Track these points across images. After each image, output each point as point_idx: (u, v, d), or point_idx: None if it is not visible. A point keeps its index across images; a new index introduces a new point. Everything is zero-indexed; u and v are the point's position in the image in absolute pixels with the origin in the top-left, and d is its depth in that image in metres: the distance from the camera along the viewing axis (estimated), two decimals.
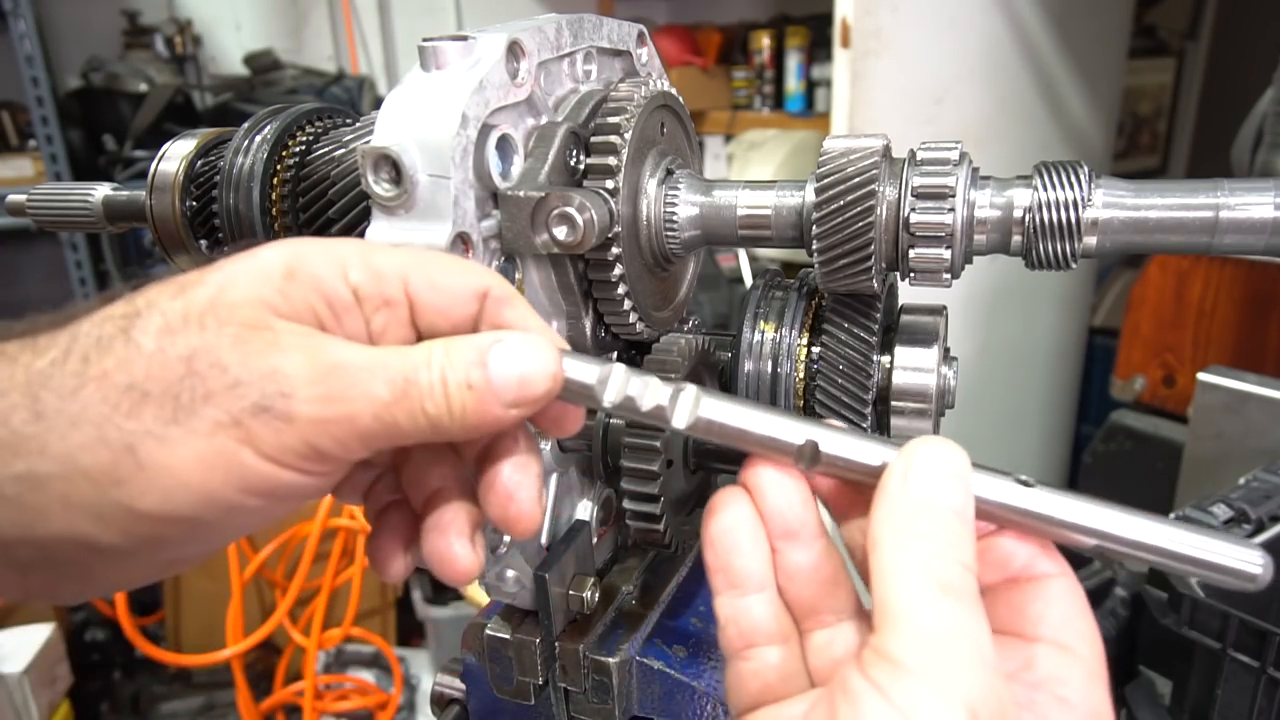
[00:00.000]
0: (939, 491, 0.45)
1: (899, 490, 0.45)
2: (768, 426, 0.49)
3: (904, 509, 0.44)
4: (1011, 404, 3.12)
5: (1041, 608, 0.46)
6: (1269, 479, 1.33)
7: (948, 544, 0.43)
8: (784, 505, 0.50)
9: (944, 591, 0.41)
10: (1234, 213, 0.55)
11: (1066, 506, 0.45)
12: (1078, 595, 0.46)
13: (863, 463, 0.48)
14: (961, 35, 2.54)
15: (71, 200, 0.86)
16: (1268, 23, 3.66)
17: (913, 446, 0.46)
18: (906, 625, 0.41)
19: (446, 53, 0.57)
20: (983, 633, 0.41)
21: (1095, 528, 0.45)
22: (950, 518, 0.44)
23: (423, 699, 3.02)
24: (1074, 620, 0.46)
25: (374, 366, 0.47)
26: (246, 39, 4.48)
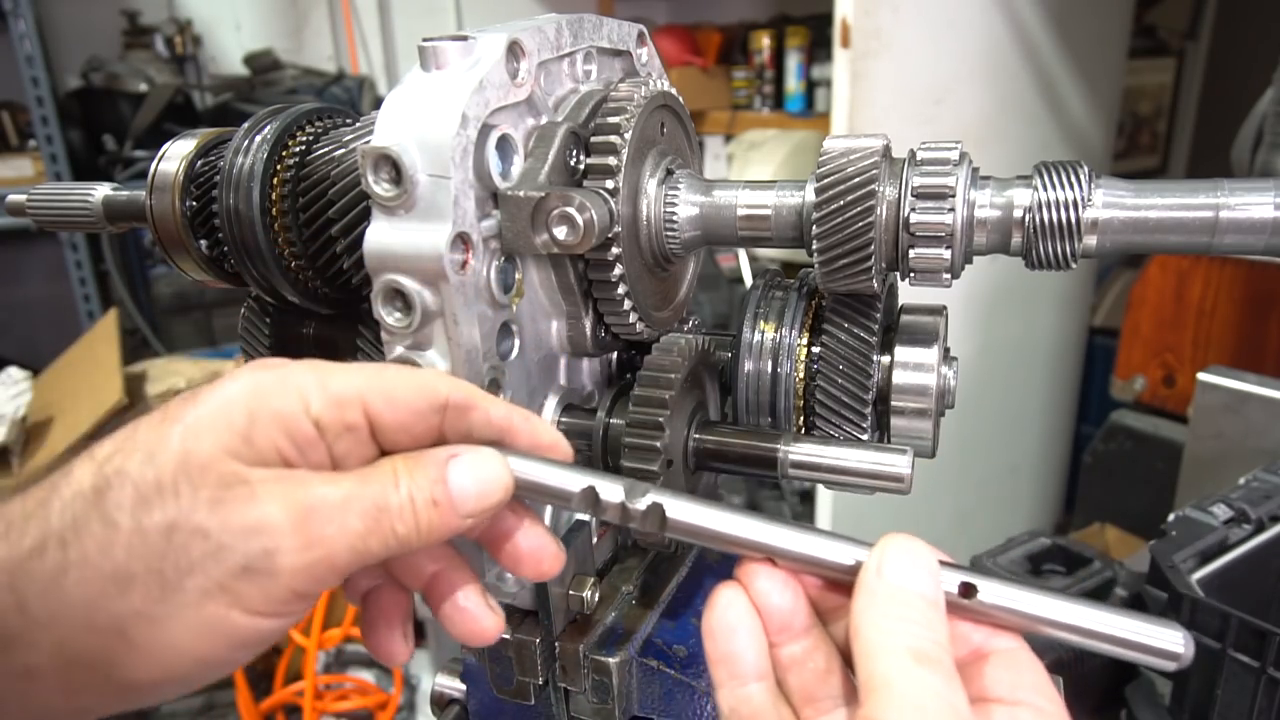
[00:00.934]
0: (910, 580, 0.50)
1: (874, 581, 0.50)
2: (736, 528, 0.54)
3: (880, 596, 0.49)
4: (1011, 404, 3.12)
5: (1014, 676, 0.50)
6: (1269, 479, 1.33)
7: (920, 624, 0.48)
8: (776, 600, 0.53)
9: (920, 662, 0.46)
10: (1234, 213, 0.55)
11: (1008, 601, 0.51)
12: (1037, 665, 0.51)
13: (838, 562, 0.52)
14: (961, 35, 2.53)
15: (71, 200, 0.86)
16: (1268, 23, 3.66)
17: (884, 543, 0.51)
18: (888, 692, 0.45)
19: (446, 53, 0.57)
20: (958, 696, 0.46)
21: (1030, 614, 0.50)
22: (920, 602, 0.49)
23: (423, 699, 3.02)
24: (1040, 686, 0.50)
25: (348, 500, 0.49)
26: (246, 39, 4.48)
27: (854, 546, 0.52)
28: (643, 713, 0.70)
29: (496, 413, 0.55)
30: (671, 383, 0.65)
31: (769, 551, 0.54)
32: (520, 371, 0.65)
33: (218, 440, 0.47)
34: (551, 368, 0.70)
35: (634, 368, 0.77)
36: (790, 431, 0.70)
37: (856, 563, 0.52)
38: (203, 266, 0.79)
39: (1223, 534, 1.22)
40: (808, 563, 0.53)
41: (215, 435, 0.47)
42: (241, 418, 0.48)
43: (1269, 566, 1.24)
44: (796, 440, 0.66)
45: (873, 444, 0.65)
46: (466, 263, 0.57)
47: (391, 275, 0.57)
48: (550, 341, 0.70)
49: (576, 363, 0.74)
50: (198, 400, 0.49)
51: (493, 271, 0.60)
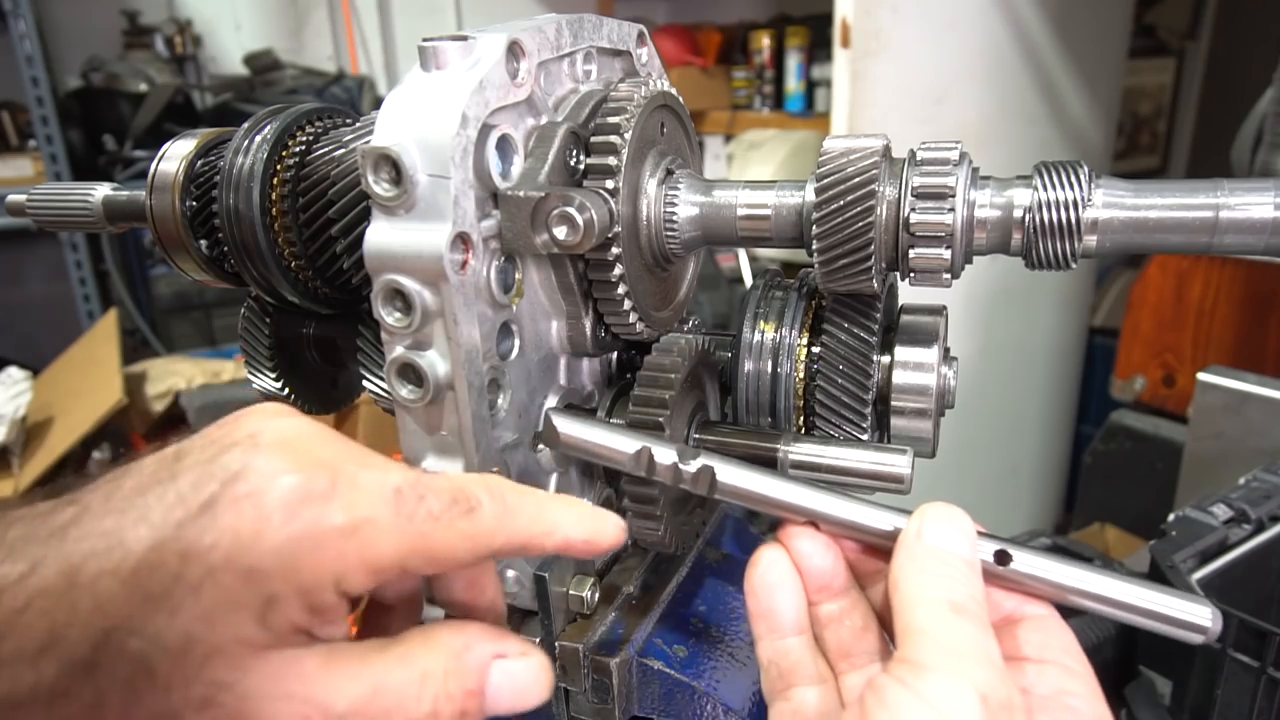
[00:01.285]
0: (949, 542, 0.52)
1: (914, 542, 0.52)
2: (782, 493, 0.57)
3: (919, 554, 0.52)
4: (1011, 404, 3.12)
5: (1043, 638, 0.52)
6: (1269, 479, 1.33)
7: (957, 579, 0.50)
8: (818, 561, 0.56)
9: (956, 611, 0.48)
10: (1234, 213, 0.55)
11: (1041, 571, 0.53)
12: (1068, 630, 0.53)
13: (878, 528, 0.55)
14: (961, 35, 2.54)
15: (71, 200, 0.86)
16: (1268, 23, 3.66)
17: (924, 509, 0.54)
18: (925, 636, 0.47)
19: (446, 53, 0.57)
20: (991, 643, 0.47)
21: (1061, 584, 0.52)
22: (958, 562, 0.51)
23: None
24: (1069, 648, 0.52)
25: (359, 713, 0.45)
26: (246, 39, 4.48)
27: (894, 514, 0.55)
28: (643, 713, 0.70)
29: (549, 543, 0.52)
30: (671, 383, 0.65)
31: (812, 515, 0.56)
32: (520, 371, 0.65)
33: (230, 629, 0.42)
34: (551, 368, 0.70)
35: (634, 368, 0.77)
36: (790, 431, 0.70)
37: (896, 528, 0.54)
38: (203, 266, 0.79)
39: (1223, 534, 1.22)
40: (849, 527, 0.56)
41: (228, 623, 0.42)
42: (260, 598, 0.43)
43: (1269, 566, 1.24)
44: (796, 440, 0.66)
45: (873, 444, 0.65)
46: (466, 263, 0.57)
47: (391, 275, 0.57)
48: (550, 341, 0.70)
49: (576, 363, 0.74)
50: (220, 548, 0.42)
51: (493, 271, 0.60)
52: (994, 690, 0.44)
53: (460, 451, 0.61)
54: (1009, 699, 0.45)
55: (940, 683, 0.44)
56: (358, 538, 0.45)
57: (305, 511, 0.44)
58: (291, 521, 0.44)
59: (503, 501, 0.50)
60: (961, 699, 0.43)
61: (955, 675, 0.44)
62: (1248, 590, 1.19)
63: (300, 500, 0.44)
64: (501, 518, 0.50)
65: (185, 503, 0.44)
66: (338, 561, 0.44)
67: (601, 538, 0.54)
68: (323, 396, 0.88)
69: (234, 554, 0.43)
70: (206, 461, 0.45)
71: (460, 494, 0.49)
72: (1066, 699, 0.49)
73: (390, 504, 0.46)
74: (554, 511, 0.53)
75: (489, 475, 0.53)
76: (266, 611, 0.43)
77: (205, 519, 0.43)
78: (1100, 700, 0.50)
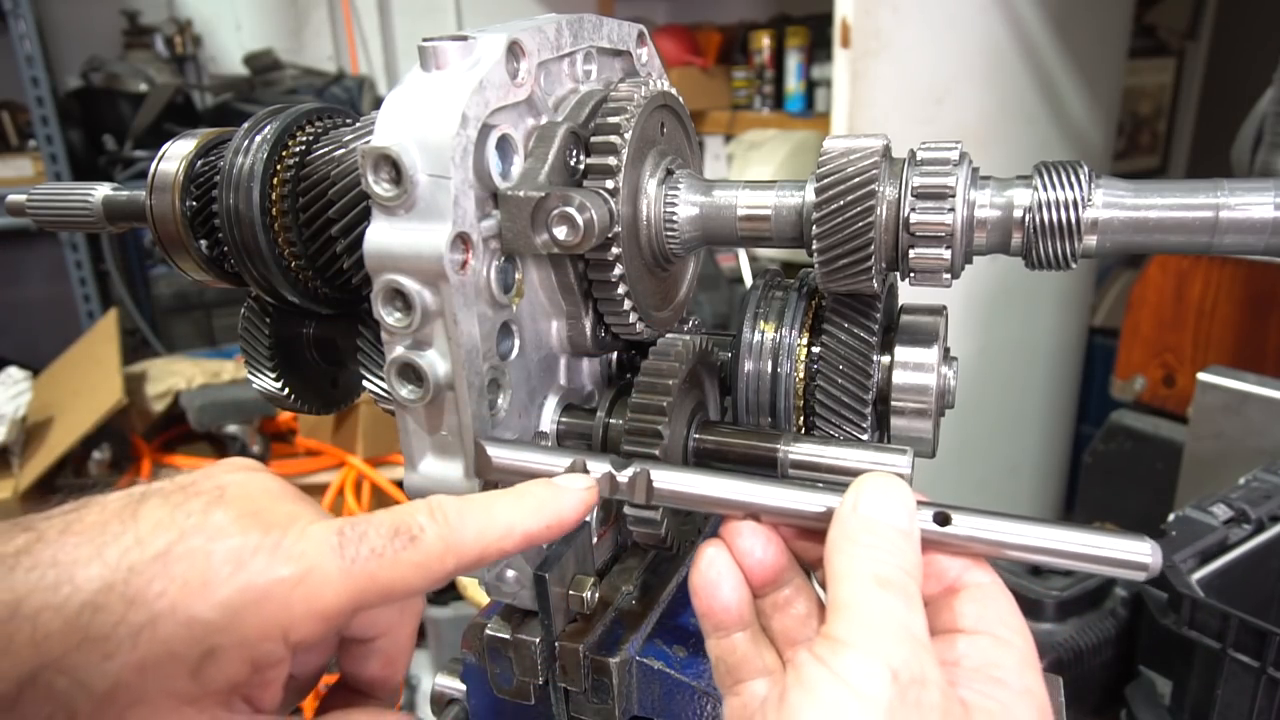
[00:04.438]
0: (882, 512, 0.52)
1: (849, 514, 0.53)
2: (719, 490, 0.57)
3: (851, 528, 0.52)
4: (1011, 404, 3.12)
5: (977, 609, 0.53)
6: (1269, 479, 1.34)
7: (888, 551, 0.50)
8: (759, 555, 0.57)
9: (881, 585, 0.48)
10: (1234, 213, 0.55)
11: (975, 530, 0.53)
12: (1007, 598, 0.53)
13: (815, 511, 0.55)
14: (961, 35, 2.54)
15: (71, 200, 0.86)
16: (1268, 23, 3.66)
17: (861, 480, 0.54)
18: (847, 612, 0.48)
19: (446, 53, 0.57)
20: (915, 618, 0.48)
21: (1001, 541, 0.52)
22: (891, 532, 0.51)
23: (423, 699, 3.02)
24: (1006, 618, 0.52)
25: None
26: (246, 39, 4.48)
27: (832, 496, 0.55)
28: (643, 713, 0.70)
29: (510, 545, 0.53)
30: (669, 388, 0.65)
31: (751, 509, 0.57)
32: (520, 371, 0.65)
33: (160, 680, 0.42)
34: (551, 368, 0.70)
35: (634, 368, 0.77)
36: (790, 431, 0.70)
37: (826, 509, 0.54)
38: (203, 266, 0.79)
39: (1223, 534, 1.22)
40: (789, 515, 0.56)
41: (161, 673, 0.42)
42: (199, 650, 0.43)
43: (1269, 566, 1.24)
44: (796, 440, 0.66)
45: (873, 444, 0.65)
46: (466, 263, 0.57)
47: (391, 275, 0.57)
48: (550, 341, 0.70)
49: (576, 362, 0.74)
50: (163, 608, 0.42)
51: (493, 271, 0.60)
52: (906, 665, 0.45)
53: (460, 451, 0.61)
54: (922, 674, 0.45)
55: (854, 659, 0.45)
56: (304, 587, 0.45)
57: (253, 564, 0.45)
58: (238, 574, 0.44)
59: (445, 522, 0.51)
60: (873, 675, 0.44)
61: (870, 651, 0.45)
62: (1248, 590, 1.19)
63: (250, 553, 0.45)
64: (447, 538, 0.50)
65: (142, 546, 0.44)
66: (284, 612, 0.45)
67: (563, 516, 0.55)
68: (323, 396, 0.88)
69: (179, 603, 0.43)
70: (171, 508, 0.46)
71: (401, 525, 0.50)
72: (993, 670, 0.50)
73: (335, 550, 0.47)
74: (504, 513, 0.53)
75: (434, 496, 0.53)
76: (204, 664, 0.43)
77: (158, 565, 0.44)
78: (1031, 670, 0.50)
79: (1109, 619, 1.28)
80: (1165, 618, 1.14)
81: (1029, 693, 0.49)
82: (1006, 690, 0.49)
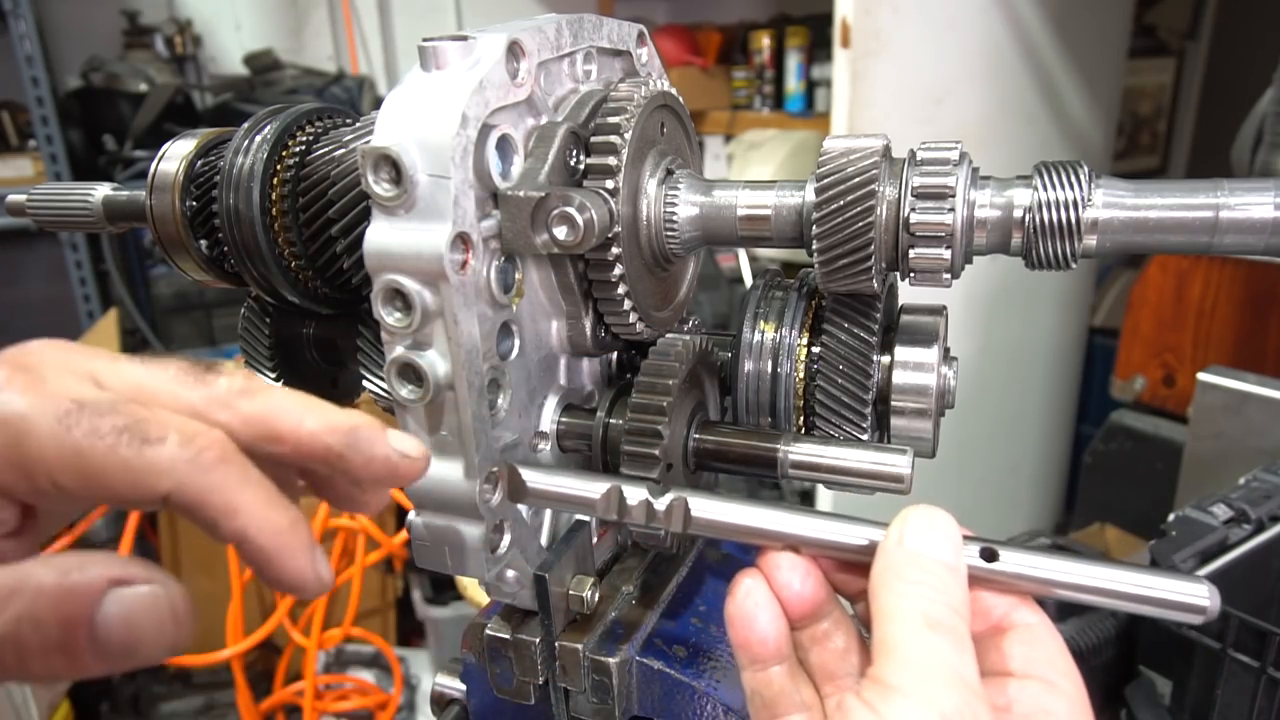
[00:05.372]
0: (929, 546, 0.50)
1: (894, 548, 0.51)
2: (758, 520, 0.56)
3: (898, 562, 0.50)
4: (1011, 404, 3.12)
5: (1027, 650, 0.51)
6: (1269, 479, 1.33)
7: (936, 589, 0.49)
8: (798, 588, 0.55)
9: (930, 627, 0.47)
10: (1234, 213, 0.55)
11: (1023, 567, 0.51)
12: (1057, 640, 0.52)
13: (857, 544, 0.53)
14: (961, 35, 2.54)
15: (71, 200, 0.86)
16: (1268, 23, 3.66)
17: (906, 513, 0.52)
18: (896, 655, 0.46)
19: (446, 53, 0.57)
20: (965, 661, 0.46)
21: (1050, 579, 0.51)
22: (939, 568, 0.50)
23: (423, 699, 3.02)
24: (1056, 660, 0.51)
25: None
26: (246, 39, 4.48)
27: (875, 528, 0.53)
28: (643, 713, 0.70)
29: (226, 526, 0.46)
30: (669, 389, 0.65)
31: (791, 540, 0.55)
32: (520, 371, 0.65)
33: None
34: (551, 368, 0.70)
35: (634, 368, 0.77)
36: (790, 431, 0.70)
37: (869, 543, 0.53)
38: (203, 266, 0.79)
39: (1223, 534, 1.22)
40: (829, 547, 0.54)
41: None
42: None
43: (1269, 566, 1.24)
44: (796, 440, 0.66)
45: (873, 444, 0.65)
46: (466, 263, 0.57)
47: (391, 275, 0.57)
48: (550, 341, 0.70)
49: (576, 363, 0.74)
50: None
51: (493, 271, 0.60)
52: (958, 713, 0.44)
53: (460, 451, 0.61)
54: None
55: (904, 706, 0.44)
56: (7, 430, 0.44)
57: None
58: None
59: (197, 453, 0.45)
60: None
61: (920, 698, 0.44)
62: (1248, 590, 1.19)
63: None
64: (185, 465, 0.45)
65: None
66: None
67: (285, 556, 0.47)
68: (323, 396, 0.87)
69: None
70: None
71: (141, 426, 0.45)
72: (1045, 717, 0.48)
73: (60, 414, 0.44)
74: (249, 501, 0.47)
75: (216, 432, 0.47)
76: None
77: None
78: (1083, 716, 0.49)
79: (1109, 619, 1.28)
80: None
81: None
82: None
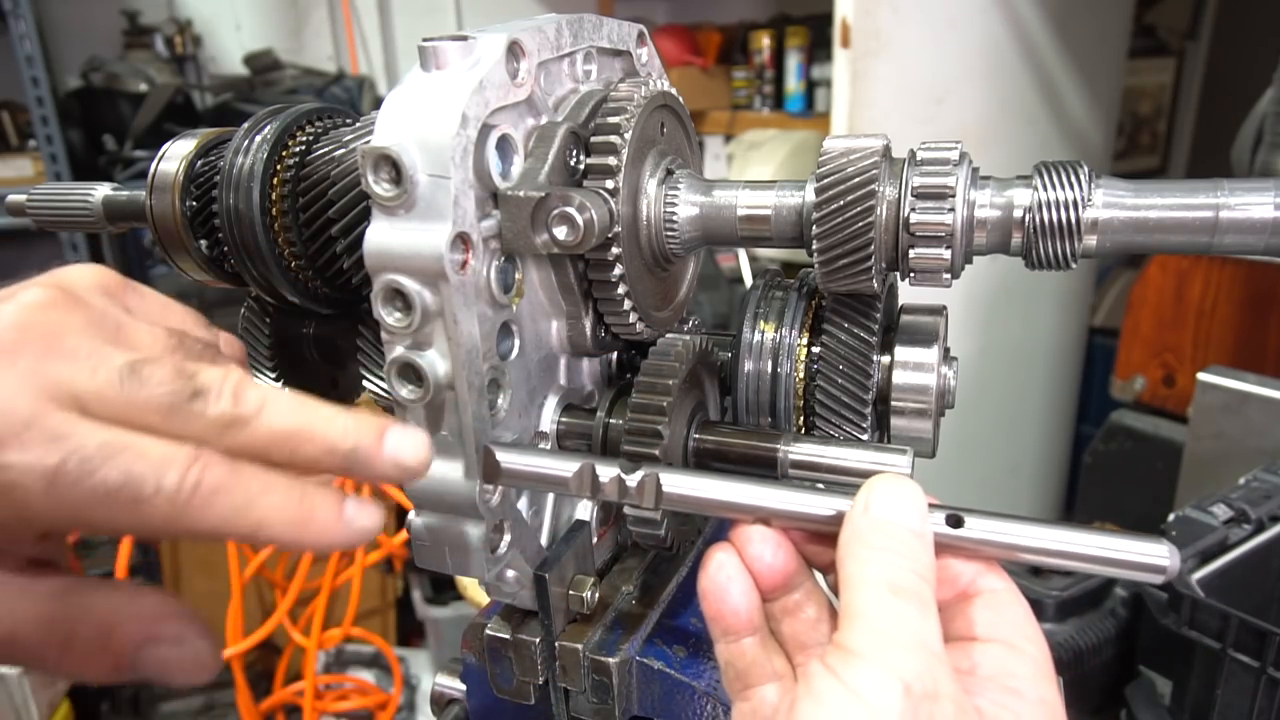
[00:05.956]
0: (894, 513, 0.51)
1: (860, 516, 0.52)
2: (729, 494, 0.56)
3: (863, 529, 0.51)
4: (1011, 404, 3.12)
5: (991, 615, 0.52)
6: (1269, 479, 1.33)
7: (901, 554, 0.49)
8: (767, 559, 0.56)
9: (894, 592, 0.48)
10: (1234, 213, 0.55)
11: (989, 533, 0.52)
12: (1022, 605, 0.53)
13: (826, 515, 0.54)
14: (961, 35, 2.54)
15: (71, 200, 0.86)
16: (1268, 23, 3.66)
17: (872, 482, 0.53)
18: (859, 620, 0.47)
19: (446, 53, 0.57)
20: (928, 626, 0.47)
21: (1015, 544, 0.51)
22: (904, 534, 0.50)
23: (423, 699, 3.02)
24: (1020, 625, 0.52)
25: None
26: (246, 39, 4.48)
27: (843, 499, 0.54)
28: (643, 713, 0.70)
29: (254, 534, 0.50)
30: (669, 389, 0.65)
31: (761, 512, 0.56)
32: (520, 371, 0.65)
33: None
34: (551, 368, 0.70)
35: (634, 368, 0.77)
36: (790, 431, 0.70)
37: (837, 513, 0.54)
38: (203, 266, 0.79)
39: (1223, 534, 1.22)
40: (800, 519, 0.55)
41: None
42: None
43: (1269, 566, 1.24)
44: (796, 440, 0.66)
45: (873, 444, 0.65)
46: (466, 263, 0.57)
47: (391, 275, 0.57)
48: (550, 341, 0.70)
49: (576, 363, 0.74)
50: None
51: (493, 271, 0.60)
52: (919, 678, 0.44)
53: (460, 451, 0.61)
54: (934, 687, 0.45)
55: (866, 671, 0.44)
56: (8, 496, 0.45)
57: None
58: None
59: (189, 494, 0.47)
60: (885, 688, 0.44)
61: (882, 663, 0.45)
62: (1248, 590, 1.19)
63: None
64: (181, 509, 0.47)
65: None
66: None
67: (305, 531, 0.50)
68: (323, 396, 0.87)
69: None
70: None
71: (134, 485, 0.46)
72: (1008, 680, 0.49)
73: (51, 475, 0.45)
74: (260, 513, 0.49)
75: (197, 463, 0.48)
76: None
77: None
78: (1046, 681, 0.50)
79: (1109, 619, 1.28)
80: (1165, 618, 1.14)
81: (1044, 703, 0.49)
82: (1021, 700, 0.48)
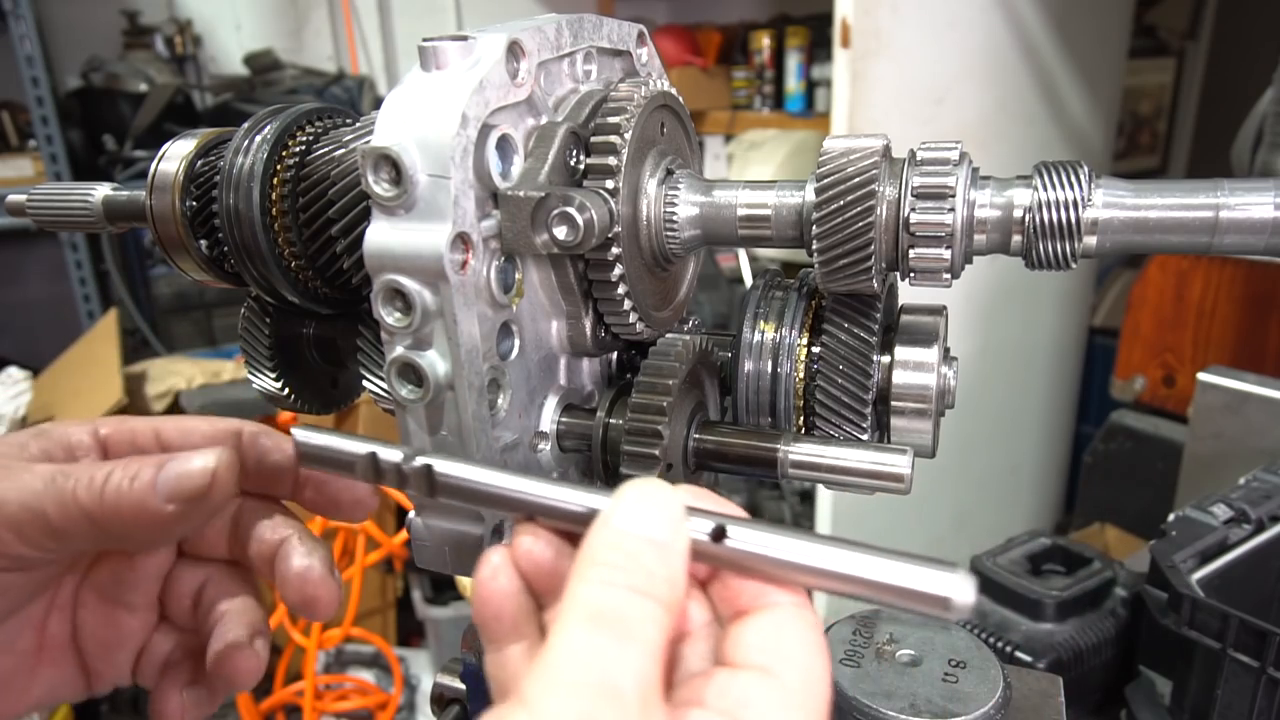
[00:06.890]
0: (636, 523, 0.44)
1: (599, 528, 0.45)
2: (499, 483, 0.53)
3: (594, 544, 0.44)
4: (1011, 404, 3.12)
5: (752, 637, 0.45)
6: (1269, 479, 1.34)
7: (625, 570, 0.42)
8: (538, 559, 0.50)
9: (592, 621, 0.40)
10: (1234, 213, 0.55)
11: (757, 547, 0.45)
12: (799, 623, 0.45)
13: (572, 510, 0.49)
14: (961, 35, 2.54)
15: (71, 200, 0.86)
16: (1268, 23, 3.66)
17: (622, 488, 0.47)
18: (544, 658, 0.40)
19: (446, 53, 0.57)
20: (622, 660, 0.39)
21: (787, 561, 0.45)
22: (641, 545, 0.43)
23: (423, 699, 3.02)
24: (784, 647, 0.44)
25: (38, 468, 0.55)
26: (246, 39, 4.48)
27: (598, 495, 0.49)
28: None
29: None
30: (669, 389, 0.65)
31: (528, 509, 0.51)
32: (520, 371, 0.65)
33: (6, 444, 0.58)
34: (551, 368, 0.70)
35: (634, 368, 0.77)
36: (790, 431, 0.70)
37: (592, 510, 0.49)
38: (203, 266, 0.79)
39: (1223, 534, 1.22)
40: (561, 517, 0.50)
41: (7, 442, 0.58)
42: (31, 433, 0.59)
43: (1269, 566, 1.24)
44: (796, 440, 0.66)
45: (873, 444, 0.65)
46: (466, 263, 0.57)
47: (391, 275, 0.57)
48: (550, 341, 0.70)
49: (576, 363, 0.74)
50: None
51: (493, 271, 0.60)
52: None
53: (460, 451, 0.61)
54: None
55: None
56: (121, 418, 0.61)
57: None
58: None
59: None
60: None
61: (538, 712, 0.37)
62: (1248, 590, 1.19)
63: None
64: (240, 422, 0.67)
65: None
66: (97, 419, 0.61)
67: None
68: (323, 396, 0.88)
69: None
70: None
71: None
72: (740, 712, 0.41)
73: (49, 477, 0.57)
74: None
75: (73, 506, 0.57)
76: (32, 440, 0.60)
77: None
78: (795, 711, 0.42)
79: (1109, 619, 1.28)
80: (1165, 618, 1.14)
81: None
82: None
